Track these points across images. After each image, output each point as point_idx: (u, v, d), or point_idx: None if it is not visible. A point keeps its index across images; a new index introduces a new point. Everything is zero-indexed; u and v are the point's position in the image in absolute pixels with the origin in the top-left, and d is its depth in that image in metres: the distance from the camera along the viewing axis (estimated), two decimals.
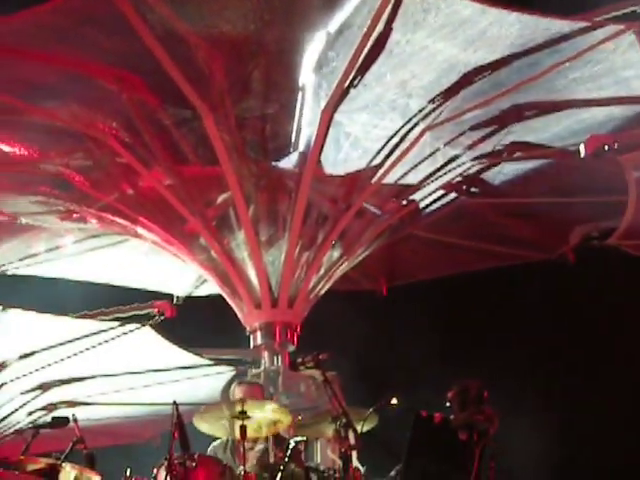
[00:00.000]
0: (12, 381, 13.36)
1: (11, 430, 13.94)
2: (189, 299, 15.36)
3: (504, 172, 12.94)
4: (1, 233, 13.71)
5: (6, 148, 12.01)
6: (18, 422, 13.99)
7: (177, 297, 15.23)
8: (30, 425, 8.88)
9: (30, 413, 13.93)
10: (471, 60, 11.13)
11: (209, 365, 14.24)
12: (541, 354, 14.20)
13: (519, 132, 12.24)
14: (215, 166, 12.06)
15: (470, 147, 12.42)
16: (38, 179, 12.67)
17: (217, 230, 12.54)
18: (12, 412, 13.91)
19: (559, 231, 13.75)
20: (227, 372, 14.43)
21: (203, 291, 15.26)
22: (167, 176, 12.34)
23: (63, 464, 7.94)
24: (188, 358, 14.07)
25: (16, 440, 13.37)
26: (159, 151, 12.08)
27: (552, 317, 14.29)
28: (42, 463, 7.90)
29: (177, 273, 14.88)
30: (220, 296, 13.04)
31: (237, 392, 8.61)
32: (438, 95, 11.67)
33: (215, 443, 8.43)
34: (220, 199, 12.67)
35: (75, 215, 13.26)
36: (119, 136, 11.96)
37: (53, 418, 8.52)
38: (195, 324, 13.82)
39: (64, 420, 8.33)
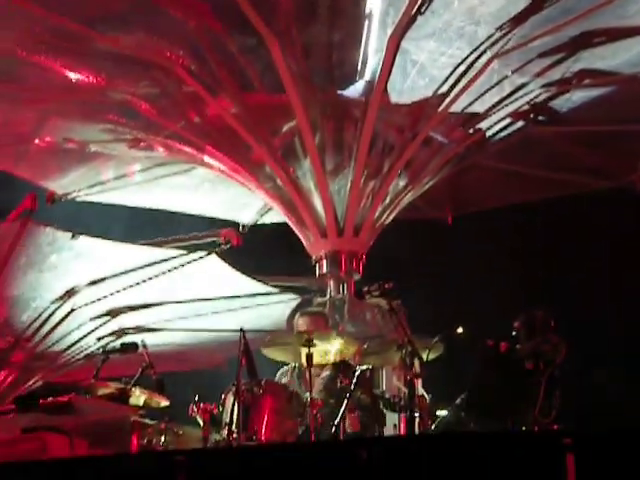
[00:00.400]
0: (82, 307, 13.58)
1: (81, 355, 14.20)
2: (255, 227, 15.42)
3: (572, 100, 12.76)
4: (70, 160, 13.84)
5: (74, 75, 12.08)
6: (88, 347, 14.25)
7: (243, 225, 15.29)
8: (100, 350, 9.00)
9: (99, 338, 14.17)
10: None
11: (275, 293, 14.36)
12: (606, 283, 14.08)
13: (588, 59, 12.05)
14: (281, 94, 12.04)
15: (538, 75, 12.25)
16: (106, 107, 12.74)
17: (283, 159, 12.56)
18: (82, 337, 14.15)
19: (626, 159, 13.55)
20: (292, 300, 14.55)
21: (269, 219, 15.30)
22: (233, 104, 12.34)
23: (133, 389, 8.08)
24: (254, 286, 14.19)
25: (86, 365, 13.66)
26: (225, 79, 12.09)
27: (617, 246, 14.11)
28: (112, 388, 8.05)
29: (243, 201, 14.95)
30: (286, 224, 13.08)
31: (300, 323, 8.64)
32: (506, 22, 11.51)
33: (282, 370, 8.51)
34: (286, 127, 12.66)
35: (142, 143, 13.34)
36: (185, 64, 11.96)
37: (122, 344, 8.65)
38: (260, 252, 13.88)
39: (133, 346, 8.46)
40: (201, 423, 7.53)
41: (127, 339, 12.82)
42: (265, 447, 6.53)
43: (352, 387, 7.60)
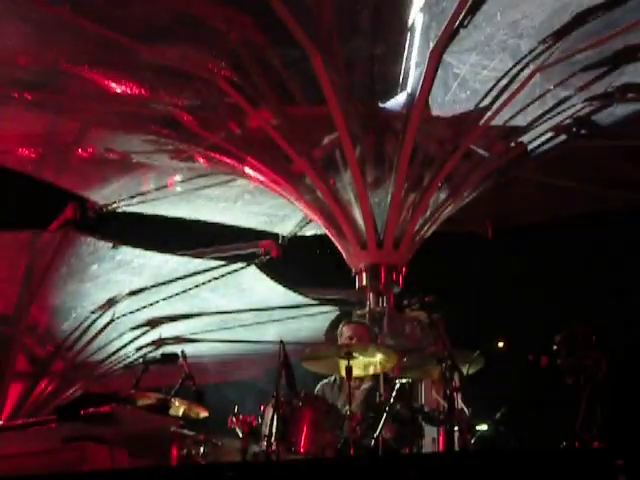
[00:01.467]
0: (122, 317, 13.67)
1: (121, 365, 14.28)
2: (294, 239, 15.44)
3: (616, 114, 12.69)
4: (112, 171, 13.94)
5: (117, 87, 12.17)
6: (127, 357, 14.33)
7: (282, 237, 15.32)
8: (139, 360, 9.03)
9: (139, 348, 14.25)
10: (584, 0, 10.90)
11: (314, 305, 14.38)
12: None
13: (632, 73, 11.98)
14: (322, 106, 12.06)
15: (581, 88, 12.20)
16: (148, 118, 12.83)
17: (323, 171, 12.57)
18: (121, 347, 14.25)
19: None
20: (331, 312, 14.56)
21: (308, 231, 15.33)
22: (274, 116, 12.38)
23: (172, 399, 8.10)
24: (292, 298, 14.22)
25: (125, 374, 13.74)
26: (267, 91, 12.13)
27: None
28: (152, 398, 8.06)
29: (283, 213, 14.99)
30: (325, 237, 13.10)
31: (345, 331, 8.62)
32: (549, 35, 11.47)
33: (323, 382, 8.50)
34: (327, 139, 12.67)
35: (184, 154, 13.41)
36: (228, 76, 12.02)
37: (163, 354, 8.64)
38: (300, 264, 13.91)
39: (174, 356, 8.46)
40: (240, 435, 7.53)
41: (166, 349, 12.91)
42: (311, 462, 6.51)
43: (391, 401, 7.57)
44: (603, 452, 5.37)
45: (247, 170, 13.01)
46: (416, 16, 11.50)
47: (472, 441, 7.55)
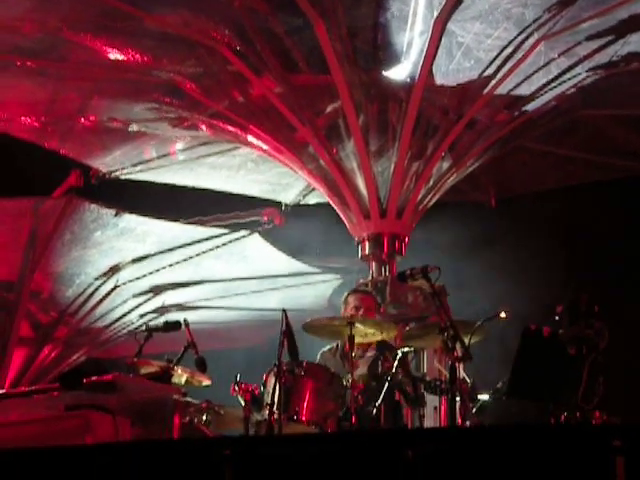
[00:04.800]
0: (125, 284, 13.70)
1: (124, 331, 14.34)
2: (297, 207, 15.44)
3: (620, 83, 12.64)
4: (114, 139, 13.92)
5: (119, 55, 12.15)
6: (131, 324, 14.38)
7: (285, 205, 15.32)
8: (143, 327, 9.06)
9: (142, 315, 14.30)
10: None
11: (316, 273, 14.41)
12: None
13: (636, 42, 11.92)
14: (326, 75, 12.04)
15: (586, 58, 12.15)
16: (151, 86, 12.80)
17: (327, 139, 12.55)
18: (125, 314, 14.29)
19: None
20: (334, 280, 14.59)
21: (311, 200, 15.32)
22: (277, 84, 12.35)
23: (175, 367, 8.13)
24: (295, 265, 14.24)
25: (129, 341, 13.78)
26: (270, 59, 12.09)
27: None
28: (155, 366, 8.10)
29: (286, 181, 14.98)
30: (328, 205, 13.10)
31: (350, 301, 8.63)
32: (554, 4, 11.42)
33: (325, 349, 8.53)
34: (330, 108, 12.65)
35: (186, 122, 13.39)
36: (231, 44, 11.98)
37: (166, 322, 8.66)
38: (303, 232, 13.91)
39: (177, 324, 8.48)
40: (242, 403, 7.57)
41: (170, 316, 12.95)
42: (312, 437, 6.52)
43: (393, 370, 7.60)
44: (600, 432, 5.32)
45: (250, 138, 12.99)
46: None
47: (473, 410, 7.60)
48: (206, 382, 8.35)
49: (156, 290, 14.10)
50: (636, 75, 12.38)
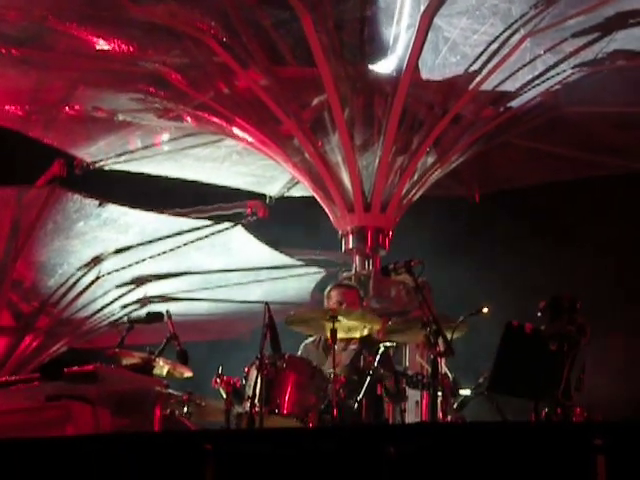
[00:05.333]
0: (107, 274, 13.66)
1: (106, 322, 14.29)
2: (281, 200, 15.43)
3: (605, 80, 12.67)
4: (99, 129, 13.88)
5: (105, 44, 12.11)
6: (112, 314, 14.34)
7: (270, 197, 15.30)
8: (125, 318, 9.04)
9: (124, 306, 14.25)
10: None
11: (300, 266, 14.39)
12: (633, 265, 14.01)
13: (622, 40, 11.96)
14: (312, 68, 12.04)
15: (571, 55, 12.18)
16: (136, 76, 12.77)
17: (312, 132, 12.55)
18: (107, 305, 14.24)
19: None
20: (317, 273, 14.58)
21: (296, 193, 15.31)
22: (263, 76, 12.34)
23: (157, 359, 8.12)
24: (279, 258, 14.22)
25: (111, 332, 13.76)
26: (256, 51, 12.08)
27: None
28: (136, 357, 8.08)
29: (270, 174, 14.96)
30: (313, 198, 13.09)
31: (333, 295, 8.61)
32: (541, 0, 11.44)
33: (307, 341, 8.51)
34: (316, 101, 12.65)
35: (171, 113, 13.36)
36: (217, 35, 11.96)
37: (148, 314, 8.64)
38: (287, 225, 13.89)
39: (159, 316, 8.47)
40: (224, 395, 7.56)
41: (152, 308, 12.90)
42: (293, 432, 6.52)
43: (375, 365, 7.60)
44: (581, 430, 5.32)
45: (235, 130, 12.97)
46: None
47: (455, 406, 7.61)
48: (188, 374, 8.33)
49: (138, 281, 14.05)
50: (621, 72, 12.41)
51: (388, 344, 7.85)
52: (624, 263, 13.82)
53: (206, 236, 13.61)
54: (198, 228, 13.55)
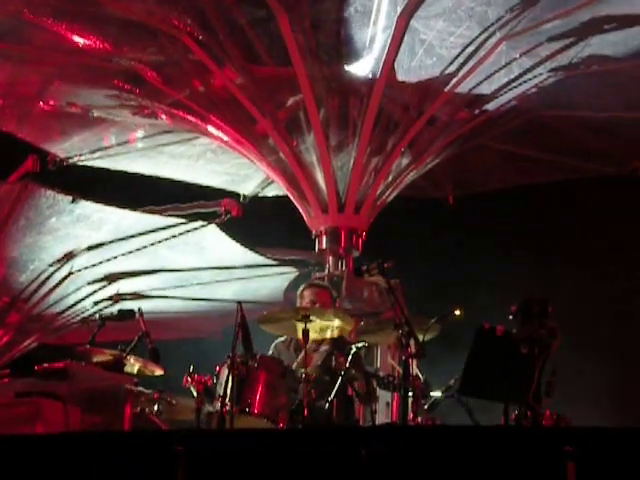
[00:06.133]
0: (79, 271, 13.60)
1: (77, 319, 14.23)
2: (255, 199, 15.41)
3: (580, 85, 12.73)
4: (73, 125, 13.82)
5: (80, 40, 12.06)
6: (84, 311, 14.27)
7: (244, 196, 15.28)
8: (96, 315, 9.02)
9: (96, 303, 14.19)
10: None
11: (273, 265, 14.37)
12: (607, 270, 14.08)
13: (597, 45, 12.01)
14: (287, 67, 12.03)
15: (547, 58, 12.22)
16: (111, 73, 12.72)
17: (287, 132, 12.54)
18: (79, 301, 14.18)
19: (632, 146, 13.58)
20: (290, 273, 14.56)
21: (270, 192, 15.30)
22: (239, 75, 12.33)
23: (128, 357, 8.10)
24: (252, 257, 14.20)
25: (82, 329, 13.69)
26: (232, 50, 12.07)
27: (619, 232, 14.09)
28: (107, 355, 8.07)
29: (245, 173, 14.94)
30: (287, 198, 13.08)
31: (305, 295, 8.61)
32: (517, 4, 11.49)
33: (278, 340, 8.51)
34: (291, 101, 12.65)
35: (146, 110, 13.32)
36: (193, 33, 11.93)
37: (119, 311, 8.63)
38: (260, 225, 13.89)
39: (130, 313, 8.45)
40: (195, 394, 7.55)
41: (124, 305, 12.84)
42: (265, 433, 6.51)
43: (346, 365, 7.61)
44: (552, 436, 5.34)
45: (210, 129, 12.95)
46: None
47: (425, 407, 7.62)
48: (159, 372, 8.32)
49: (111, 278, 13.99)
50: (596, 77, 12.47)
51: (360, 345, 7.86)
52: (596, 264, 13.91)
53: (179, 234, 13.58)
54: (171, 226, 13.51)
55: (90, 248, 13.36)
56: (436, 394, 7.86)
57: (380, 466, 4.98)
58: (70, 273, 13.63)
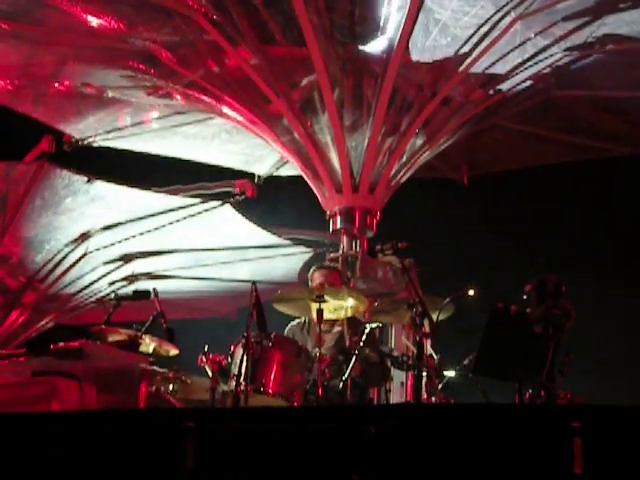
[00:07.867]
0: (95, 251, 13.64)
1: (93, 299, 14.28)
2: (270, 179, 15.43)
3: (595, 64, 12.68)
4: (88, 106, 13.85)
5: (95, 20, 12.07)
6: (100, 291, 14.33)
7: (258, 177, 15.30)
8: (112, 295, 9.05)
9: (112, 283, 14.24)
10: None
11: (287, 245, 14.39)
12: (623, 249, 14.06)
13: (612, 24, 11.96)
14: (302, 48, 12.01)
15: (561, 38, 12.18)
16: (126, 53, 12.74)
17: (301, 112, 12.54)
18: (94, 281, 14.23)
19: None
20: (305, 253, 14.58)
21: (284, 172, 15.30)
22: (253, 55, 12.32)
23: (143, 336, 8.13)
24: (266, 237, 14.22)
25: (98, 309, 13.74)
26: (246, 30, 12.06)
27: (634, 212, 14.06)
28: (123, 334, 8.09)
29: (259, 153, 14.95)
30: (301, 178, 13.09)
31: (315, 277, 8.64)
32: None
33: (293, 323, 8.54)
34: (305, 81, 12.63)
35: (161, 91, 13.33)
36: (208, 13, 11.92)
37: (135, 291, 8.67)
38: (275, 205, 13.90)
39: (146, 294, 8.48)
40: (209, 373, 7.57)
41: (139, 285, 12.90)
42: (275, 411, 6.53)
43: (361, 345, 7.63)
44: (559, 412, 5.35)
45: (225, 109, 12.95)
46: None
47: (439, 387, 7.65)
48: (174, 352, 8.35)
49: (126, 258, 14.03)
50: (610, 57, 12.42)
51: (374, 325, 7.88)
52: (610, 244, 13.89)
53: (194, 214, 13.61)
54: (186, 206, 13.54)
55: (105, 228, 13.40)
56: (450, 373, 7.88)
57: (395, 444, 5.00)
58: (85, 253, 13.67)
